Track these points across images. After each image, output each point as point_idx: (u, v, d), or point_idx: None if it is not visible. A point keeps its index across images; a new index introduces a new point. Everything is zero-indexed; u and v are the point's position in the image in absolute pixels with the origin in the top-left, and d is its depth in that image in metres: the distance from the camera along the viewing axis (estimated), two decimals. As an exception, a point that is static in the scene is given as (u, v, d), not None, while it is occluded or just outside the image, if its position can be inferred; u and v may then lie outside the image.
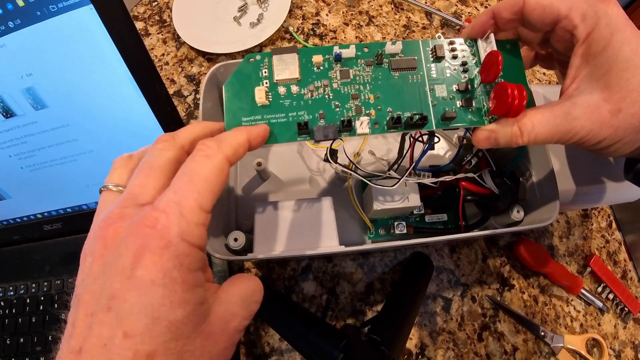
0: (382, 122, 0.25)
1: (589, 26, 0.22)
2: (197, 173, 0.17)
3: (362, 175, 0.32)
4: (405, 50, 0.26)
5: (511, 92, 0.22)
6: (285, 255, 0.32)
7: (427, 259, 0.40)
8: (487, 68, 0.24)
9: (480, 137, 0.25)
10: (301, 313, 0.35)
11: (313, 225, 0.33)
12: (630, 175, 0.24)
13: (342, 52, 0.25)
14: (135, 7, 0.56)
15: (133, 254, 0.15)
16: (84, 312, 0.16)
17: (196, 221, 0.17)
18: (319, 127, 0.24)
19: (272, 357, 0.39)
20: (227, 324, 0.18)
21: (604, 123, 0.22)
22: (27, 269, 0.41)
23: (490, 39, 0.25)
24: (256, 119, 0.24)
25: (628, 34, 0.21)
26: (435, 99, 0.25)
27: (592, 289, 0.44)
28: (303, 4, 0.56)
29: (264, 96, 0.24)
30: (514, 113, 0.23)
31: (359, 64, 0.25)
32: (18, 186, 0.38)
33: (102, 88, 0.31)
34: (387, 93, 0.25)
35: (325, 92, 0.25)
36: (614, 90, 0.21)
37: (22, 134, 0.34)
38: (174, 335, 0.15)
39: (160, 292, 0.15)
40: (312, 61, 0.25)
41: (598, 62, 0.22)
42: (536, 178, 0.36)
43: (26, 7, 0.28)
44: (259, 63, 0.25)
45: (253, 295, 0.20)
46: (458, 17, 0.55)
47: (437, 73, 0.26)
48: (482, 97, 0.25)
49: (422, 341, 0.40)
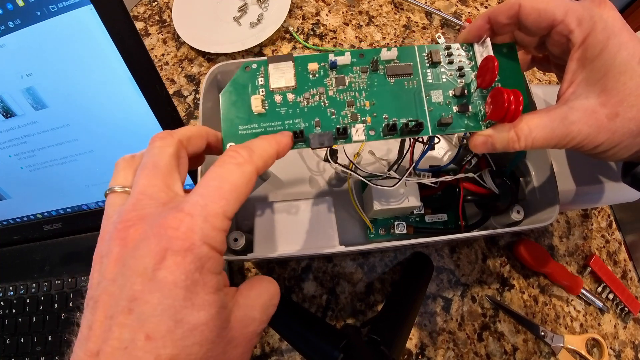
0: (377, 128, 0.25)
1: (585, 30, 0.21)
2: (227, 180, 0.17)
3: (362, 175, 0.32)
4: (401, 56, 0.26)
5: (507, 98, 0.22)
6: (285, 255, 0.32)
7: (427, 259, 0.40)
8: (483, 73, 0.24)
9: (477, 142, 0.24)
10: (301, 313, 0.35)
11: (313, 225, 0.33)
12: (628, 178, 0.24)
13: (338, 59, 0.25)
14: (135, 7, 0.56)
15: (155, 255, 0.15)
16: (103, 314, 0.15)
17: (219, 227, 0.16)
18: (314, 134, 0.24)
19: (272, 357, 0.39)
20: (246, 328, 0.18)
21: (601, 127, 0.21)
22: (27, 269, 0.41)
23: (486, 43, 0.25)
24: (253, 128, 0.24)
25: (624, 38, 0.21)
26: (431, 105, 0.25)
27: (592, 289, 0.44)
28: (303, 4, 0.56)
29: (260, 105, 0.24)
30: (510, 118, 0.22)
31: (355, 71, 0.25)
32: (18, 186, 0.38)
33: (102, 88, 0.31)
34: (383, 100, 0.25)
35: (321, 99, 0.25)
36: (611, 94, 0.21)
37: (22, 134, 0.34)
38: (197, 340, 0.15)
39: (182, 294, 0.15)
40: (307, 69, 0.25)
41: (595, 66, 0.21)
42: (536, 178, 0.36)
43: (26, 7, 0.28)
44: (255, 72, 0.25)
45: (272, 299, 0.20)
46: (458, 17, 0.55)
47: (433, 78, 0.26)
48: (478, 102, 0.25)
49: (422, 341, 0.40)
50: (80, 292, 0.39)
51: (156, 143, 0.19)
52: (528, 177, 0.37)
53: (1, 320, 0.39)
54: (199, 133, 0.21)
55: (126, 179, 0.20)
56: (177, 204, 0.16)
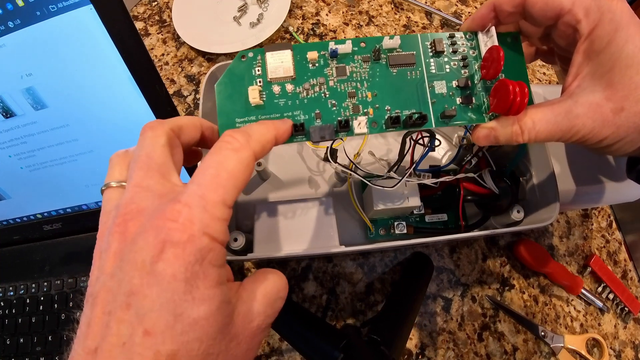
0: (380, 121, 0.24)
1: (593, 22, 0.21)
2: (224, 168, 0.17)
3: (362, 175, 0.32)
4: (404, 45, 0.25)
5: (512, 90, 0.21)
6: (285, 255, 0.32)
7: (427, 259, 0.40)
8: (487, 64, 0.24)
9: (480, 134, 0.24)
10: (301, 313, 0.35)
11: (313, 225, 0.33)
12: (633, 174, 0.24)
13: (338, 47, 0.24)
14: (135, 7, 0.56)
15: (153, 247, 0.14)
16: (101, 310, 0.15)
17: (219, 216, 0.16)
18: (315, 127, 0.23)
19: (272, 357, 0.39)
20: (250, 323, 0.17)
21: (606, 122, 0.21)
22: (27, 269, 0.41)
23: (491, 32, 0.24)
24: (250, 120, 0.23)
25: (632, 30, 0.20)
26: (435, 96, 0.24)
27: (592, 289, 0.44)
28: (303, 3, 0.56)
29: (257, 96, 0.23)
30: (515, 111, 0.22)
31: (356, 60, 0.24)
32: (18, 186, 0.37)
33: (102, 88, 0.31)
34: (385, 90, 0.24)
35: (321, 90, 0.24)
36: (616, 88, 0.21)
37: (22, 134, 0.34)
38: (197, 335, 0.14)
39: (182, 287, 0.14)
40: (307, 58, 0.24)
41: (601, 59, 0.21)
42: (536, 178, 0.36)
43: (26, 7, 0.28)
44: (251, 61, 0.24)
45: (279, 292, 0.19)
46: (458, 17, 0.55)
47: (437, 68, 0.25)
48: (482, 93, 0.25)
49: (422, 341, 0.40)
50: (80, 291, 0.39)
51: (147, 134, 0.18)
52: (528, 177, 0.37)
53: (1, 320, 0.39)
54: (192, 122, 0.21)
55: (121, 174, 0.19)
56: (175, 195, 0.16)
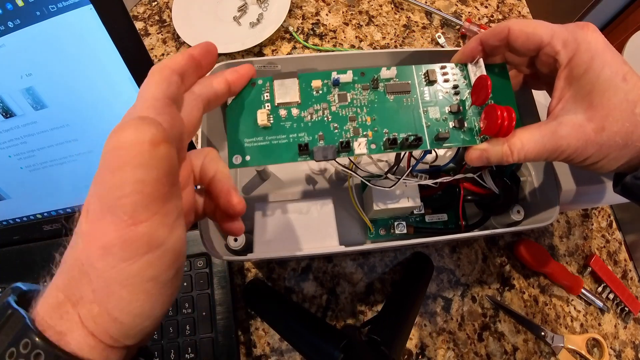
0: (378, 142, 0.26)
1: (570, 51, 0.23)
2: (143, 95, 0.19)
3: (362, 175, 0.32)
4: (400, 75, 0.27)
5: (501, 114, 0.23)
6: (285, 255, 0.32)
7: (427, 259, 0.40)
8: (477, 91, 0.26)
9: (473, 156, 0.26)
10: (301, 313, 0.35)
11: (313, 225, 0.33)
12: (618, 188, 0.25)
13: (340, 77, 0.27)
14: (135, 7, 0.56)
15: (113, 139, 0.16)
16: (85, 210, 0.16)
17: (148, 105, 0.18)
18: (318, 148, 0.25)
19: (272, 357, 0.39)
20: None
21: (589, 141, 0.23)
22: (27, 270, 0.41)
23: (479, 63, 0.27)
24: (258, 141, 0.26)
25: (608, 57, 0.22)
26: (429, 120, 0.27)
27: (593, 289, 0.44)
28: (303, 3, 0.56)
29: (265, 118, 0.25)
30: (504, 133, 0.24)
31: (356, 88, 0.27)
32: (18, 186, 0.37)
33: (102, 88, 0.31)
34: (383, 115, 0.26)
35: (324, 114, 0.26)
36: (596, 109, 0.22)
37: (22, 134, 0.34)
38: None
39: None
40: (311, 85, 0.27)
41: (581, 84, 0.23)
42: (536, 178, 0.36)
43: (26, 7, 0.28)
44: (260, 87, 0.27)
45: None
46: (458, 16, 0.55)
47: (430, 96, 0.27)
48: (473, 117, 0.27)
49: (422, 341, 0.40)
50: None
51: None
52: (528, 177, 0.37)
53: (1, 321, 0.39)
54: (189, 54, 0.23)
55: None
56: None
